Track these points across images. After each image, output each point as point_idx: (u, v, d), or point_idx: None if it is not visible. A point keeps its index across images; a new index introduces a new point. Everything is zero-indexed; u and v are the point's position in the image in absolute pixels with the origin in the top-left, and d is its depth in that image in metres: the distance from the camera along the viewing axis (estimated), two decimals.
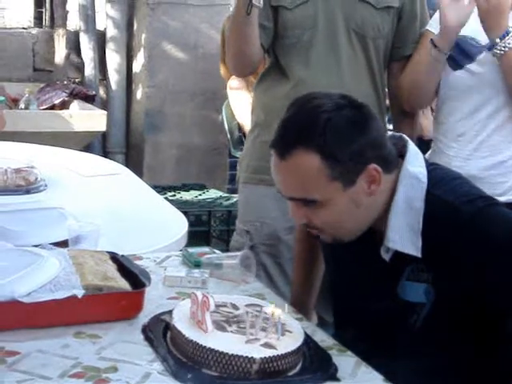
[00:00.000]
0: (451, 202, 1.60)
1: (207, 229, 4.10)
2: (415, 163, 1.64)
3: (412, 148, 1.67)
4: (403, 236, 1.60)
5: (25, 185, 2.56)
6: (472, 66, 2.35)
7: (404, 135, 1.71)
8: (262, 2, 2.24)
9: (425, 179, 1.62)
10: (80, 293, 1.51)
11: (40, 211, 2.04)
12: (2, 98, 4.33)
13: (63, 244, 1.85)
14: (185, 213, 2.54)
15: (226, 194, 4.51)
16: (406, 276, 1.64)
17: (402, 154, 1.65)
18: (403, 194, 1.61)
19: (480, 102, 2.36)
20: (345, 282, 1.78)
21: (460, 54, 2.33)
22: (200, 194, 4.45)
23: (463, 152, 2.35)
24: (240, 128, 4.15)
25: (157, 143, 4.90)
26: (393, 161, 1.63)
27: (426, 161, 1.69)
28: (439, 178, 1.66)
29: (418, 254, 1.60)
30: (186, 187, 4.58)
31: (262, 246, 2.46)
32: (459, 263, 1.57)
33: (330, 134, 1.54)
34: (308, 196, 1.58)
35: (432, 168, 1.68)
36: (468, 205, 1.59)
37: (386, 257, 1.64)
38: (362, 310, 1.71)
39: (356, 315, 1.74)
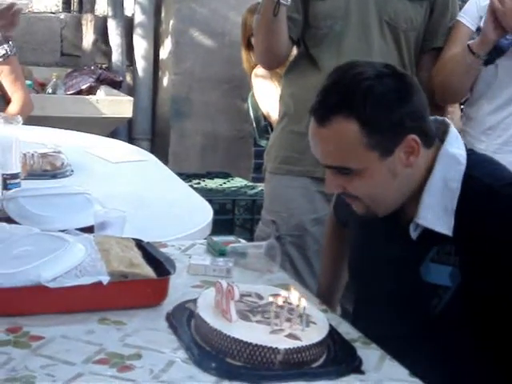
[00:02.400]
0: (490, 184, 1.58)
1: (231, 217, 4.10)
2: (455, 145, 1.63)
3: (453, 131, 1.65)
4: (435, 214, 1.59)
5: (51, 170, 2.57)
6: (502, 60, 2.32)
7: (446, 119, 1.69)
8: None
9: (464, 161, 1.61)
10: (105, 279, 1.51)
11: (66, 196, 2.04)
12: (30, 82, 4.35)
13: (89, 230, 1.85)
14: (209, 201, 2.53)
15: (250, 183, 4.50)
16: (431, 257, 1.62)
17: (442, 139, 1.63)
18: (440, 174, 1.59)
19: (510, 95, 2.33)
20: (367, 259, 1.76)
21: (492, 48, 2.30)
22: (224, 183, 4.45)
23: (492, 146, 2.33)
24: (265, 117, 4.14)
25: (182, 130, 4.91)
26: (432, 136, 1.61)
27: (465, 146, 1.67)
28: (477, 161, 1.65)
29: (450, 233, 1.58)
30: (211, 175, 4.58)
31: (288, 236, 2.46)
32: (493, 248, 1.55)
33: (370, 103, 1.53)
34: (345, 164, 1.57)
35: (471, 152, 1.66)
36: (507, 188, 1.57)
37: (414, 234, 1.62)
38: (382, 290, 1.69)
39: (376, 294, 1.73)
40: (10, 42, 3.61)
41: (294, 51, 2.59)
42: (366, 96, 1.53)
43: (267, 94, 3.80)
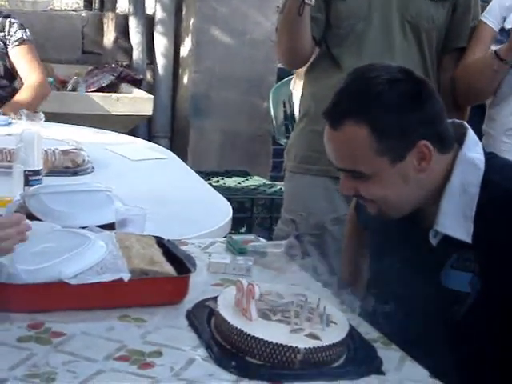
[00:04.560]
0: (509, 189, 1.57)
1: (249, 216, 4.11)
2: (473, 149, 1.61)
3: (471, 135, 1.64)
4: (454, 221, 1.58)
5: (72, 166, 2.58)
6: None
7: (465, 122, 1.68)
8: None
9: (482, 166, 1.60)
10: (126, 276, 1.52)
11: (87, 193, 2.04)
12: (51, 80, 4.38)
13: (110, 227, 1.86)
14: (228, 199, 2.54)
15: (269, 182, 4.51)
16: (451, 263, 1.61)
17: (460, 142, 1.62)
18: (458, 179, 1.58)
19: None
20: (387, 263, 1.75)
21: None
22: (243, 181, 4.46)
23: None
24: (286, 115, 4.14)
25: (201, 128, 4.92)
26: (448, 141, 1.60)
27: (484, 149, 1.66)
28: (498, 165, 1.64)
29: (469, 240, 1.57)
30: (230, 173, 4.59)
31: (307, 235, 2.45)
32: None
33: (381, 108, 1.53)
34: (356, 168, 1.57)
35: (490, 156, 1.65)
36: None
37: (434, 241, 1.62)
38: (403, 296, 1.69)
39: (396, 298, 1.72)
40: (27, 30, 3.65)
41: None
42: (376, 101, 1.53)
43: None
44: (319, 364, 1.35)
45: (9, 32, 3.62)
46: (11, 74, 3.65)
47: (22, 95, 3.53)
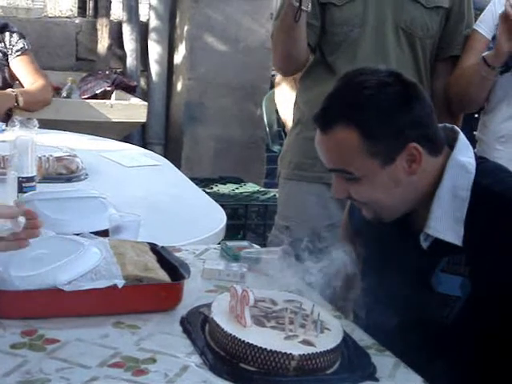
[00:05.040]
0: (499, 192, 1.58)
1: (243, 222, 4.11)
2: (464, 153, 1.63)
3: (463, 139, 1.65)
4: (445, 224, 1.59)
5: (66, 173, 2.58)
6: None
7: (456, 127, 1.70)
8: (309, 5, 2.23)
9: (473, 169, 1.61)
10: (121, 283, 1.52)
11: (81, 200, 2.04)
12: None
13: (104, 233, 1.86)
14: (222, 206, 2.54)
15: (262, 189, 4.51)
16: (442, 267, 1.62)
17: (451, 146, 1.63)
18: (449, 183, 1.60)
19: None
20: (378, 268, 1.76)
21: (508, 57, 2.30)
22: (237, 188, 4.46)
23: (507, 154, 2.33)
24: (279, 122, 4.14)
25: (195, 135, 4.91)
26: (439, 143, 1.61)
27: (475, 154, 1.67)
28: (489, 169, 1.65)
29: (459, 243, 1.58)
30: (223, 180, 4.59)
31: (301, 242, 2.45)
32: (503, 257, 1.55)
33: (370, 112, 1.55)
34: (346, 168, 1.59)
35: (482, 161, 1.66)
36: None
37: (425, 244, 1.63)
38: (394, 298, 1.69)
39: (387, 303, 1.72)
40: (26, 39, 3.68)
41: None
42: (365, 106, 1.55)
43: (283, 100, 3.78)
44: (313, 370, 1.35)
45: (10, 42, 3.64)
46: (9, 85, 3.67)
47: (30, 92, 3.58)
